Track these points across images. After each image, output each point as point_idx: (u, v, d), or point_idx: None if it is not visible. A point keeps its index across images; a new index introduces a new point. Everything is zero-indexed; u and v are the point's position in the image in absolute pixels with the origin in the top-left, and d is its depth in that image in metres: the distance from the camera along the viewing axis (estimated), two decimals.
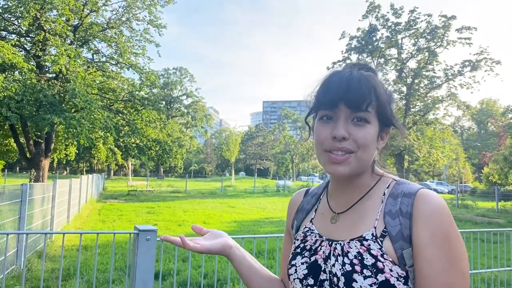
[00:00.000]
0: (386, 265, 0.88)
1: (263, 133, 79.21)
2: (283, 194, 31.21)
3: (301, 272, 1.00)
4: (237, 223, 13.81)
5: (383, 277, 0.87)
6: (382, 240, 0.91)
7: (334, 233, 1.01)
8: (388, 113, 1.00)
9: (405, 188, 0.96)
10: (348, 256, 0.93)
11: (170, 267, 6.72)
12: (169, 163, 33.21)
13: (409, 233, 0.90)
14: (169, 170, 75.37)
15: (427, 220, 0.88)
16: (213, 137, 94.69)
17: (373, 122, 0.98)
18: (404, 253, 0.89)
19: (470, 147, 67.50)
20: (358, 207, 1.01)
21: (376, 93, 0.97)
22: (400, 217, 0.92)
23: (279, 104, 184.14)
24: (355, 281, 0.88)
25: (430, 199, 0.91)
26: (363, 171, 1.02)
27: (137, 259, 1.59)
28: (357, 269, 0.89)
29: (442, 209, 0.89)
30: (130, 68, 28.22)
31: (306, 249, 1.04)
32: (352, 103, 0.95)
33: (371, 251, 0.90)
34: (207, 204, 20.77)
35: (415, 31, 30.66)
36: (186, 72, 69.61)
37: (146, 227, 1.69)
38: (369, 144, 0.97)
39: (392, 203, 0.95)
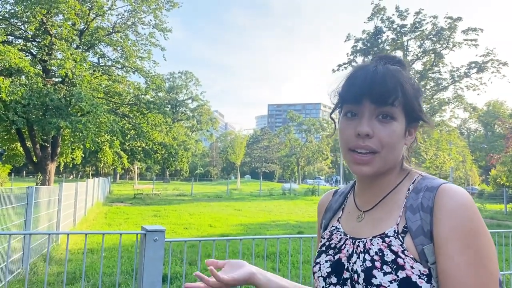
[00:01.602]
0: (407, 262, 0.84)
1: (268, 136, 79.14)
2: (289, 197, 31.11)
3: (325, 270, 0.98)
4: (244, 226, 13.76)
5: (404, 274, 0.83)
6: (404, 236, 0.88)
7: (358, 232, 0.99)
8: (415, 107, 0.97)
9: (428, 183, 0.93)
10: (369, 252, 0.90)
11: (177, 270, 6.68)
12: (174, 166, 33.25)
13: (430, 228, 0.86)
14: (175, 174, 75.45)
15: (448, 214, 0.84)
16: (219, 140, 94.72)
17: (399, 118, 0.94)
18: (425, 249, 0.85)
19: (477, 149, 67.01)
20: (383, 204, 0.98)
21: (402, 87, 0.94)
22: (421, 211, 0.88)
23: (284, 107, 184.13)
24: (374, 277, 0.86)
25: (454, 193, 0.86)
26: (390, 169, 0.99)
27: (145, 261, 1.54)
28: (377, 265, 0.87)
29: (466, 203, 0.84)
30: (135, 72, 28.33)
31: (331, 248, 1.02)
32: (376, 98, 0.92)
33: (392, 247, 0.87)
34: (213, 207, 20.73)
35: (421, 33, 30.56)
36: (192, 76, 69.82)
37: (154, 227, 1.64)
38: (395, 143, 0.94)
39: (414, 197, 0.92)
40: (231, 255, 7.87)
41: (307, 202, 26.87)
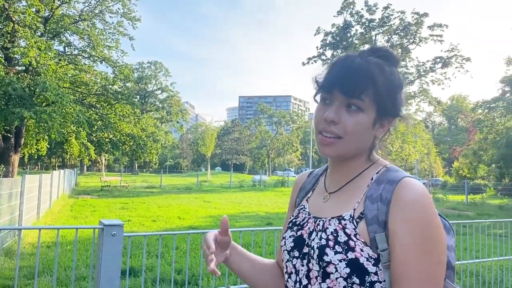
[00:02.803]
0: (358, 245, 0.92)
1: (239, 128, 79.20)
2: (259, 189, 31.28)
3: (289, 245, 1.06)
4: (213, 218, 13.77)
5: (353, 255, 0.91)
6: (358, 221, 0.95)
7: (321, 212, 1.06)
8: (387, 102, 1.01)
9: (390, 176, 0.99)
10: (326, 232, 0.98)
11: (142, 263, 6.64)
12: (143, 158, 32.79)
13: (385, 219, 0.92)
14: (143, 166, 74.43)
15: (404, 208, 0.90)
16: (189, 132, 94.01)
17: (367, 110, 0.99)
18: (376, 236, 0.92)
19: (441, 142, 69.09)
20: (347, 189, 1.05)
21: (374, 82, 0.98)
22: (379, 202, 0.94)
23: (255, 99, 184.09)
24: (326, 254, 0.93)
25: (411, 187, 0.93)
26: (356, 155, 1.05)
27: (102, 255, 1.54)
28: (330, 244, 0.94)
29: (422, 198, 0.91)
30: (103, 62, 27.67)
31: (296, 224, 1.09)
32: (345, 90, 0.98)
33: (346, 230, 0.95)
34: (182, 199, 20.62)
35: (389, 28, 31.13)
36: (161, 66, 68.77)
37: (112, 222, 1.64)
38: (359, 133, 0.99)
39: (375, 188, 0.98)
40: (198, 247, 7.88)
41: (276, 193, 27.10)
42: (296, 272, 1.03)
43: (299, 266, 1.02)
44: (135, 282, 5.66)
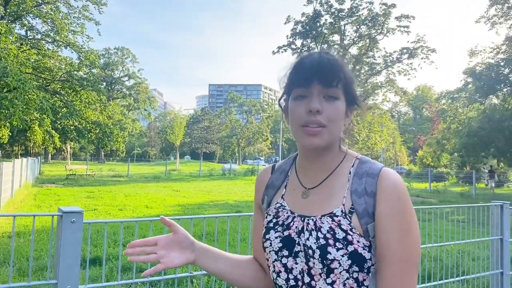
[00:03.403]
0: (355, 238, 0.99)
1: (209, 117, 78.56)
2: (229, 178, 31.28)
3: (276, 245, 1.08)
4: (181, 206, 13.67)
5: (352, 247, 0.98)
6: (351, 216, 1.02)
7: (305, 209, 1.09)
8: (353, 92, 1.10)
9: (368, 168, 1.07)
10: (321, 230, 1.02)
11: (109, 251, 6.53)
12: (110, 146, 32.21)
13: (373, 210, 1.01)
14: (110, 154, 72.95)
15: (387, 196, 1.01)
16: (157, 120, 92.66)
17: (341, 98, 1.07)
18: (368, 227, 1.00)
19: (406, 131, 70.96)
20: (327, 183, 1.10)
21: (344, 72, 1.05)
22: (365, 196, 1.03)
23: (225, 87, 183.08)
24: (329, 253, 0.99)
25: (391, 177, 1.03)
26: (332, 146, 1.10)
27: (61, 243, 1.49)
28: (330, 242, 0.99)
29: (400, 186, 1.02)
30: (67, 47, 26.88)
31: (279, 224, 1.11)
32: (324, 80, 1.03)
33: (342, 226, 1.01)
34: (150, 188, 20.38)
35: (357, 18, 31.44)
36: (128, 52, 67.30)
37: (71, 209, 1.60)
38: (339, 120, 1.06)
39: (358, 182, 1.06)
40: None
41: (246, 182, 27.18)
42: (287, 270, 1.06)
43: (292, 264, 1.05)
44: (99, 270, 5.56)
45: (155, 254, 1.12)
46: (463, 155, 27.38)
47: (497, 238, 3.34)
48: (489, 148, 25.46)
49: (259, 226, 1.24)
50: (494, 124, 23.91)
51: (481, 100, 26.54)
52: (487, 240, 3.42)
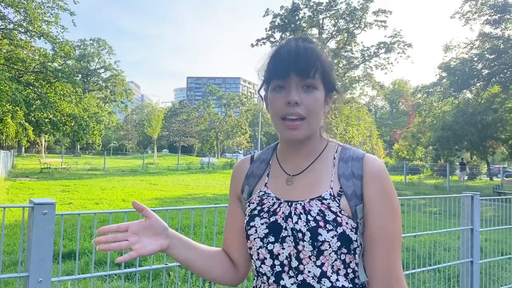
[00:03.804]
0: (344, 219, 1.02)
1: (187, 110, 78.02)
2: (207, 171, 31.20)
3: (262, 232, 1.08)
4: (159, 200, 13.58)
5: (341, 229, 1.01)
6: (339, 198, 1.05)
7: (291, 195, 1.10)
8: (331, 79, 1.10)
9: (352, 153, 1.11)
10: (311, 213, 1.03)
11: (85, 245, 6.45)
12: (86, 139, 31.60)
13: (361, 192, 1.05)
14: (86, 147, 71.73)
15: (374, 179, 1.05)
16: (134, 113, 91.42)
17: (319, 88, 1.07)
18: (357, 209, 1.04)
19: (383, 125, 72.03)
20: (312, 169, 1.12)
21: (321, 60, 1.06)
22: (353, 179, 1.06)
23: (204, 80, 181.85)
24: (320, 234, 1.00)
25: (375, 161, 1.08)
26: (313, 135, 1.12)
27: (33, 236, 1.47)
28: (321, 224, 1.01)
29: (385, 170, 1.08)
30: (41, 37, 26.22)
31: (264, 211, 1.10)
32: (301, 71, 1.03)
33: (331, 208, 1.03)
34: (127, 182, 20.15)
35: (335, 12, 31.60)
36: (105, 44, 66.06)
37: (43, 200, 1.57)
38: (318, 110, 1.07)
39: (344, 166, 1.09)
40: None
41: (225, 175, 27.15)
42: (273, 256, 1.06)
43: (278, 250, 1.05)
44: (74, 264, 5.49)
45: (126, 241, 1.04)
46: (438, 148, 27.97)
47: (468, 228, 3.43)
48: (462, 141, 26.08)
49: (234, 216, 1.24)
50: (467, 118, 24.50)
51: (455, 95, 27.10)
52: (458, 230, 3.52)
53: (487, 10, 24.04)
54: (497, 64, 23.57)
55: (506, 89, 24.58)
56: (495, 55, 23.37)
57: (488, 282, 4.21)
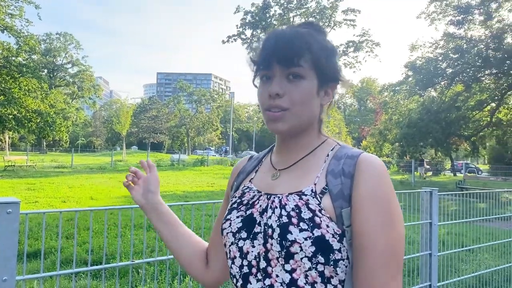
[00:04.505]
0: (323, 221, 0.87)
1: (157, 106, 76.94)
2: (177, 168, 30.96)
3: (235, 226, 0.99)
4: (128, 198, 13.41)
5: (319, 232, 0.86)
6: (322, 196, 0.91)
7: (274, 188, 1.00)
8: (326, 67, 0.99)
9: (348, 151, 0.97)
10: (286, 208, 0.92)
11: (52, 244, 6.34)
12: (52, 136, 30.85)
13: (349, 192, 0.90)
14: (53, 144, 69.86)
15: (368, 181, 0.89)
16: (103, 109, 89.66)
17: (308, 77, 0.97)
18: (343, 212, 0.88)
19: (351, 122, 73.24)
20: (301, 165, 1.01)
21: (310, 47, 0.96)
22: (342, 176, 0.91)
23: (174, 76, 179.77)
24: (290, 233, 0.87)
25: (372, 161, 0.92)
26: (306, 128, 1.02)
27: None
28: (293, 221, 0.88)
29: (383, 172, 0.91)
30: (4, 31, 25.36)
31: (243, 204, 1.02)
32: (283, 60, 0.95)
33: (309, 206, 0.90)
34: (96, 179, 19.79)
35: (306, 10, 31.93)
36: (72, 38, 64.37)
37: (7, 199, 1.57)
38: (305, 100, 0.96)
39: (335, 163, 0.95)
40: (112, 227, 7.69)
41: (195, 172, 27.03)
42: (242, 255, 0.96)
43: (248, 247, 0.95)
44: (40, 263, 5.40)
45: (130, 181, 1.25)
46: (403, 145, 28.66)
47: (427, 222, 3.59)
48: (427, 138, 26.83)
49: (221, 215, 1.17)
50: (432, 116, 25.22)
51: (420, 93, 27.84)
52: (418, 224, 3.67)
53: (451, 11, 24.80)
54: (460, 63, 24.38)
55: (469, 87, 25.48)
56: (458, 54, 24.15)
57: (447, 273, 4.40)
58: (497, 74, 24.24)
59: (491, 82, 25.79)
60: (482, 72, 24.68)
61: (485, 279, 4.61)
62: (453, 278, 4.18)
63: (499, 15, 23.61)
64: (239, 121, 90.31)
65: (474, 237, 5.86)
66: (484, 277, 4.58)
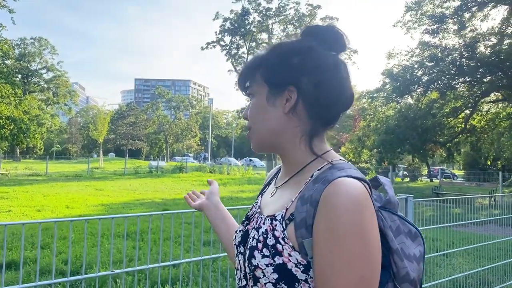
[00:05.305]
0: (286, 249, 0.83)
1: (135, 112, 76.08)
2: (156, 175, 30.62)
3: (237, 239, 1.03)
4: (105, 206, 13.20)
5: (281, 260, 0.83)
6: (288, 223, 0.87)
7: (265, 207, 1.02)
8: (277, 72, 0.95)
9: (329, 174, 0.86)
10: (259, 231, 0.92)
11: (27, 255, 6.19)
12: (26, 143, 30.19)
13: (312, 222, 0.82)
14: (27, 151, 68.22)
15: (327, 212, 0.80)
16: (79, 115, 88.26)
17: (260, 91, 0.98)
18: (304, 242, 0.82)
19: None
20: (289, 185, 0.98)
21: (260, 63, 0.99)
22: (308, 204, 0.84)
23: (153, 82, 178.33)
24: (254, 257, 0.88)
25: (342, 189, 0.81)
26: (288, 146, 0.97)
27: None
28: (259, 246, 0.88)
29: (351, 203, 0.79)
30: None
31: (247, 218, 1.06)
32: (240, 88, 1.05)
33: (275, 232, 0.87)
34: (71, 187, 19.41)
35: (284, 18, 32.23)
36: (47, 43, 63.25)
37: None
38: (258, 113, 0.98)
39: (310, 188, 0.87)
40: (89, 236, 7.55)
41: (174, 179, 26.79)
42: (239, 268, 0.98)
43: (240, 263, 0.97)
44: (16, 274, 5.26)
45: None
46: (381, 151, 29.04)
47: None
48: (405, 144, 27.28)
49: None
50: (408, 122, 25.67)
51: (397, 100, 28.30)
52: None
53: (426, 20, 25.37)
54: (435, 71, 24.92)
55: (444, 95, 26.06)
56: (433, 62, 24.69)
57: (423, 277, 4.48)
58: (470, 82, 24.89)
59: (465, 89, 26.45)
60: (456, 80, 25.29)
61: (460, 283, 4.70)
62: (428, 282, 4.26)
63: (472, 24, 24.32)
64: (218, 128, 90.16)
65: (449, 241, 5.98)
66: (459, 281, 4.67)
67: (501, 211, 5.89)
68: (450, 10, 24.23)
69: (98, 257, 2.43)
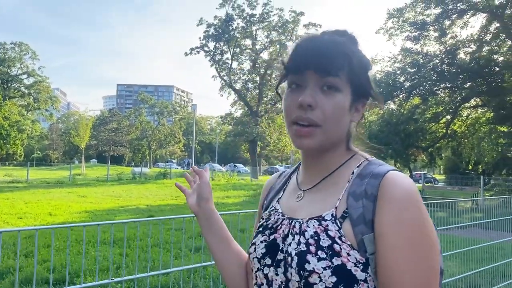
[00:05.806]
0: (344, 249, 0.80)
1: (117, 118, 75.19)
2: (139, 181, 30.32)
3: (260, 251, 0.93)
4: (88, 213, 13.00)
5: (339, 261, 0.79)
6: (342, 221, 0.83)
7: (297, 212, 0.94)
8: (363, 82, 0.92)
9: (374, 169, 0.87)
10: (305, 235, 0.85)
11: (10, 263, 6.03)
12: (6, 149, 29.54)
13: (372, 217, 0.80)
14: (6, 158, 66.60)
15: (394, 205, 0.79)
16: (60, 121, 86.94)
17: (344, 90, 0.89)
18: (364, 239, 0.80)
19: None
20: (325, 185, 0.93)
21: (349, 58, 0.89)
22: (364, 199, 0.82)
23: (135, 88, 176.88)
24: (308, 262, 0.81)
25: (399, 182, 0.81)
26: (335, 146, 0.94)
27: None
28: (311, 249, 0.82)
29: (413, 194, 0.80)
30: None
31: (268, 228, 0.96)
32: (320, 68, 0.86)
33: (329, 232, 0.83)
34: (53, 194, 19.06)
35: (268, 24, 32.41)
36: (27, 48, 62.20)
37: None
38: (338, 116, 0.89)
39: (358, 183, 0.86)
40: (74, 243, 7.41)
41: (158, 185, 26.56)
42: (268, 282, 0.90)
43: (272, 275, 0.89)
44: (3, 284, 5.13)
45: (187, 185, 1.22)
46: None
47: None
48: (388, 149, 27.61)
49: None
50: (391, 128, 26.00)
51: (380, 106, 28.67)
52: None
53: (408, 27, 25.79)
54: (417, 77, 25.31)
55: (425, 100, 26.48)
56: (415, 69, 25.09)
57: None
58: (451, 88, 25.35)
59: (446, 95, 26.92)
60: (438, 86, 25.72)
61: (450, 287, 4.75)
62: None
63: (452, 31, 24.82)
64: (201, 133, 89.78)
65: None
66: (449, 284, 4.71)
67: (484, 215, 5.99)
68: (431, 17, 24.68)
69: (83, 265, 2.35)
